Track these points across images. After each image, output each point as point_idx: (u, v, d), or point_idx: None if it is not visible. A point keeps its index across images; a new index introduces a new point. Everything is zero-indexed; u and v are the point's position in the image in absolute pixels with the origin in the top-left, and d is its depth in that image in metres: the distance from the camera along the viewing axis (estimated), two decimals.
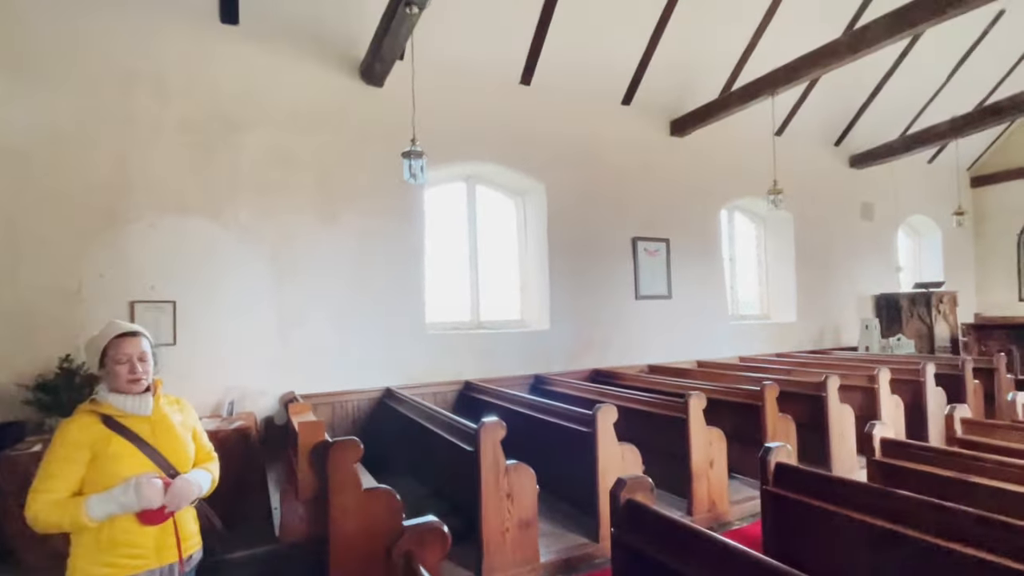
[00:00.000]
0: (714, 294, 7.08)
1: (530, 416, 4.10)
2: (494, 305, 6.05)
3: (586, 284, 6.12)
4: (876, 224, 8.91)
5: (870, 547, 1.91)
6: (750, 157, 7.49)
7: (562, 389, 5.21)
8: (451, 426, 3.41)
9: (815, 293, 8.03)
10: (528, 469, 3.07)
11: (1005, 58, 8.57)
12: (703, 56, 6.50)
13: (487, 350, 5.52)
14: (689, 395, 3.75)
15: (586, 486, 3.42)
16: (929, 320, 7.68)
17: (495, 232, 6.19)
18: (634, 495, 1.90)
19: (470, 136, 5.53)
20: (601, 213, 6.30)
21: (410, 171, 3.98)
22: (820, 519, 2.05)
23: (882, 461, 2.59)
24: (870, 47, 5.00)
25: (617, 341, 6.24)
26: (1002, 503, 2.09)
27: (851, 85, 7.75)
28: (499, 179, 6.09)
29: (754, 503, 3.98)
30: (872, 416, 4.82)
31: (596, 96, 6.32)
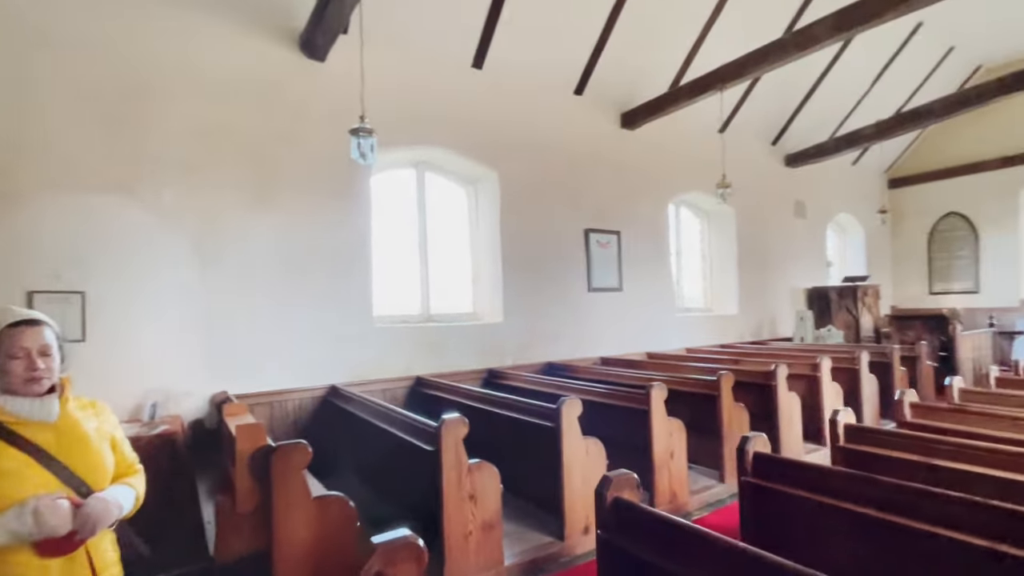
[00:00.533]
0: (662, 287, 7.17)
1: (487, 412, 3.92)
2: (445, 298, 5.81)
3: (540, 276, 6.00)
4: (808, 221, 9.37)
5: (852, 534, 1.87)
6: (696, 153, 7.65)
7: (517, 383, 5.06)
8: (408, 424, 3.17)
9: (754, 286, 8.33)
10: (492, 468, 2.89)
11: (921, 68, 9.22)
12: (653, 49, 6.52)
13: (438, 344, 5.29)
14: (651, 386, 3.70)
15: (549, 483, 3.29)
16: (855, 312, 8.17)
17: (446, 222, 5.95)
18: (621, 493, 1.77)
19: (420, 119, 5.25)
20: (554, 204, 6.20)
21: (359, 150, 3.68)
22: (800, 508, 2.01)
23: (846, 447, 2.62)
24: (815, 45, 5.17)
25: (570, 334, 6.17)
26: (965, 484, 2.13)
27: (788, 87, 8.07)
28: (450, 166, 5.85)
29: (712, 492, 4.02)
30: (814, 403, 5.01)
31: (549, 84, 6.21)
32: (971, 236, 10.12)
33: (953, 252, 10.32)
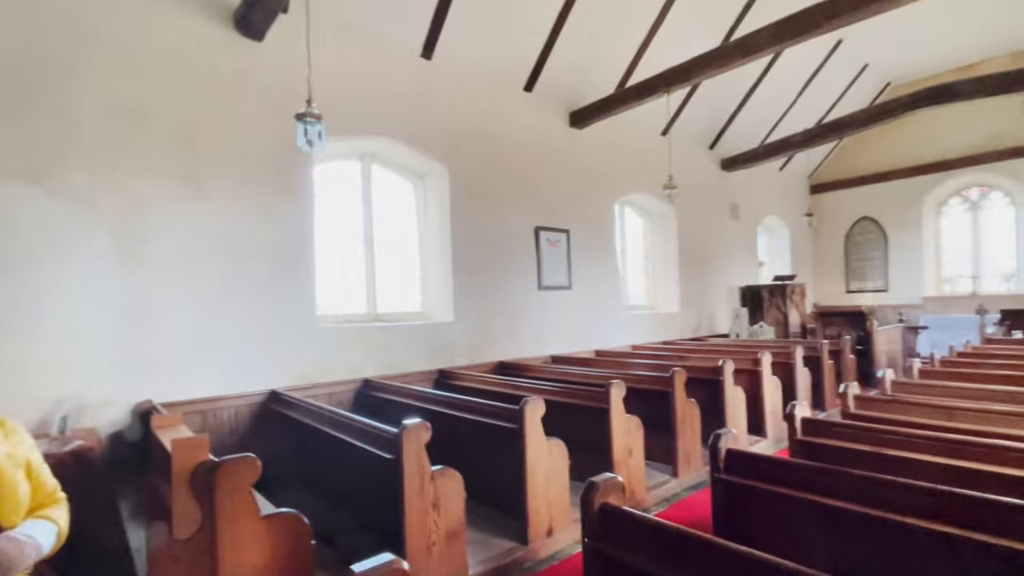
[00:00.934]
0: (610, 285, 7.27)
1: (443, 414, 3.77)
2: (393, 296, 5.58)
3: (490, 274, 5.89)
4: (742, 223, 9.85)
5: (826, 527, 1.91)
6: (640, 154, 7.83)
7: (469, 383, 4.93)
8: (363, 430, 2.97)
9: (694, 285, 8.64)
10: (455, 474, 2.76)
11: (840, 82, 9.91)
12: (601, 50, 6.58)
13: (386, 345, 5.06)
14: (610, 384, 3.69)
15: (511, 486, 3.20)
16: (785, 309, 8.65)
17: (393, 217, 5.71)
18: (608, 498, 1.70)
19: (366, 108, 5.00)
20: (505, 201, 6.12)
21: (305, 136, 3.42)
22: (774, 503, 2.03)
23: (804, 440, 2.70)
24: (756, 53, 5.38)
25: (521, 332, 6.11)
26: (916, 472, 2.23)
27: (724, 94, 8.42)
28: (398, 158, 5.62)
29: (667, 487, 4.07)
30: (756, 396, 5.22)
31: (499, 80, 6.11)
32: (881, 239, 11.02)
33: (866, 254, 11.20)
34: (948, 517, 1.70)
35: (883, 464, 2.35)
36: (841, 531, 1.89)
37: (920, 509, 1.76)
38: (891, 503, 1.82)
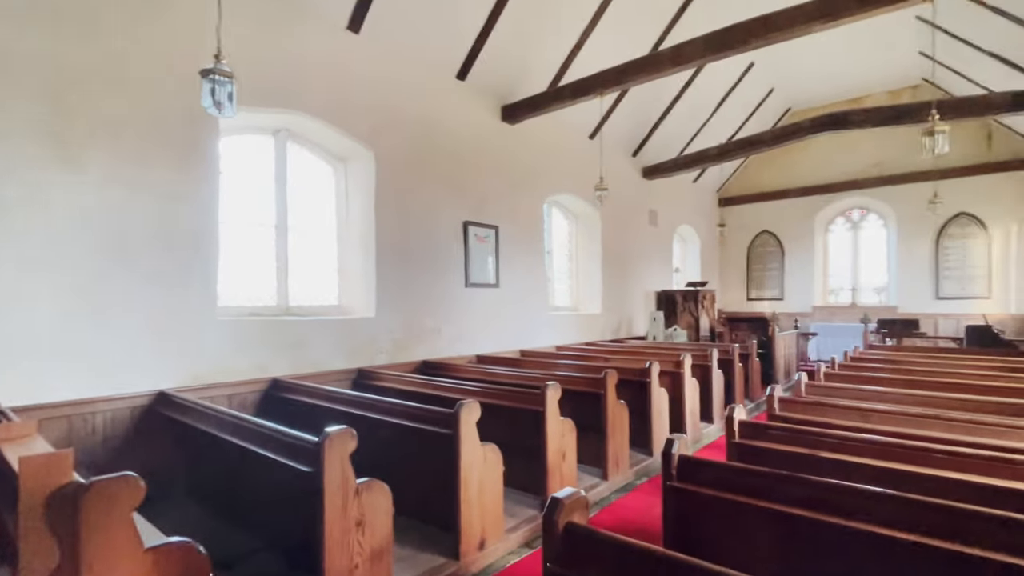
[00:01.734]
0: (537, 285, 7.19)
1: (365, 418, 3.44)
2: (307, 288, 5.09)
3: (416, 268, 5.57)
4: (660, 229, 10.23)
5: (779, 533, 1.86)
6: (569, 155, 7.85)
7: (392, 384, 4.59)
8: (274, 439, 2.58)
9: (615, 288, 8.82)
10: (383, 487, 2.47)
11: (750, 103, 10.60)
12: (536, 45, 6.49)
13: (299, 341, 4.59)
14: (546, 386, 3.55)
15: (441, 496, 2.95)
16: (697, 313, 9.08)
17: (310, 201, 5.22)
18: (572, 517, 1.52)
19: (283, 78, 4.50)
20: (434, 192, 5.82)
21: (213, 98, 2.96)
22: (729, 511, 1.97)
23: (741, 443, 2.71)
24: (687, 63, 5.51)
25: (447, 330, 5.84)
26: (852, 475, 2.28)
27: (648, 104, 8.68)
28: (318, 138, 5.14)
29: (597, 491, 4.01)
30: (677, 397, 5.34)
31: (431, 63, 5.81)
32: (779, 251, 11.95)
33: (766, 264, 12.10)
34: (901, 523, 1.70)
35: (819, 467, 2.39)
36: (798, 538, 1.85)
37: (873, 514, 1.76)
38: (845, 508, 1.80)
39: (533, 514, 3.44)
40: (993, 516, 1.53)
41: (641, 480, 4.39)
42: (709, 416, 5.92)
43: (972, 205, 9.76)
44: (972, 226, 9.81)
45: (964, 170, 9.59)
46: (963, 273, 9.89)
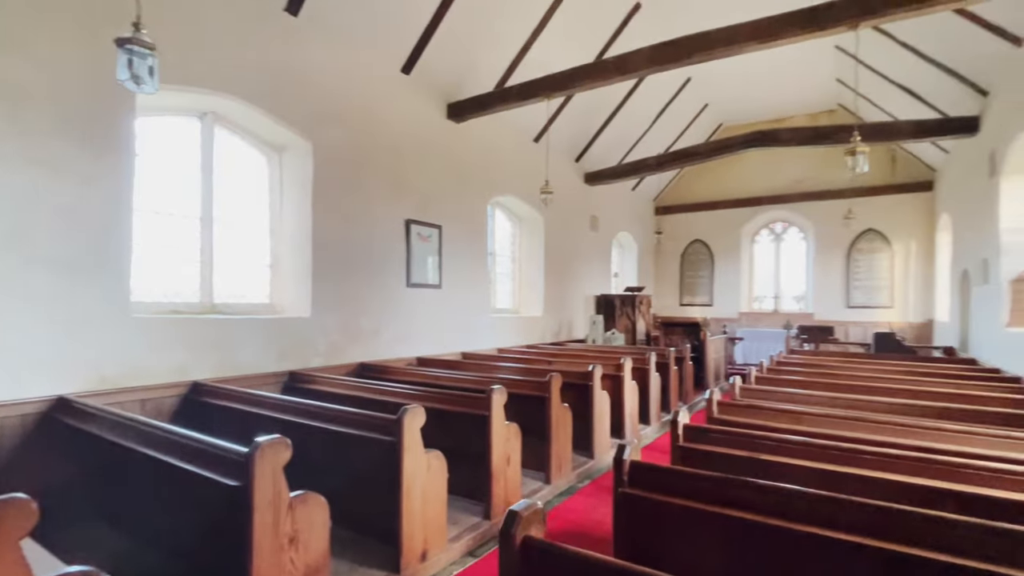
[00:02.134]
0: (479, 287, 7.10)
1: (298, 425, 3.21)
2: (234, 284, 4.74)
3: (356, 266, 5.33)
4: (600, 235, 10.42)
5: (730, 537, 1.88)
6: (514, 157, 7.83)
7: (327, 388, 4.35)
8: (194, 449, 2.33)
9: (556, 291, 8.88)
10: (319, 499, 2.29)
11: (686, 116, 11.04)
12: (483, 44, 6.41)
13: (224, 341, 4.24)
14: (492, 390, 3.46)
15: (381, 506, 2.79)
16: (634, 318, 9.31)
17: (239, 192, 4.86)
18: (530, 531, 1.45)
19: (212, 56, 4.17)
20: (376, 187, 5.60)
21: (130, 71, 2.67)
22: (681, 516, 1.96)
23: (686, 446, 2.74)
24: (632, 72, 5.62)
25: (386, 332, 5.63)
26: (793, 477, 2.36)
27: (591, 111, 8.82)
28: (250, 125, 4.81)
29: (540, 495, 3.97)
30: (617, 400, 5.42)
31: (375, 54, 5.60)
32: (709, 260, 12.52)
33: (697, 271, 12.65)
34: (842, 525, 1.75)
35: (761, 469, 2.46)
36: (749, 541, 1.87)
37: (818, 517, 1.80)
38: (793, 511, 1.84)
39: (476, 521, 3.34)
40: (928, 516, 1.60)
41: (583, 483, 4.40)
42: (647, 418, 6.05)
43: (878, 222, 10.64)
44: (878, 241, 10.71)
45: (871, 190, 10.44)
46: (870, 284, 10.78)
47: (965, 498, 2.05)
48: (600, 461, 4.82)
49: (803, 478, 2.32)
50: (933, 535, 1.59)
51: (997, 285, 6.03)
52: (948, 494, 2.11)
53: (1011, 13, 4.91)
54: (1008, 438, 2.75)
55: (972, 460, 2.38)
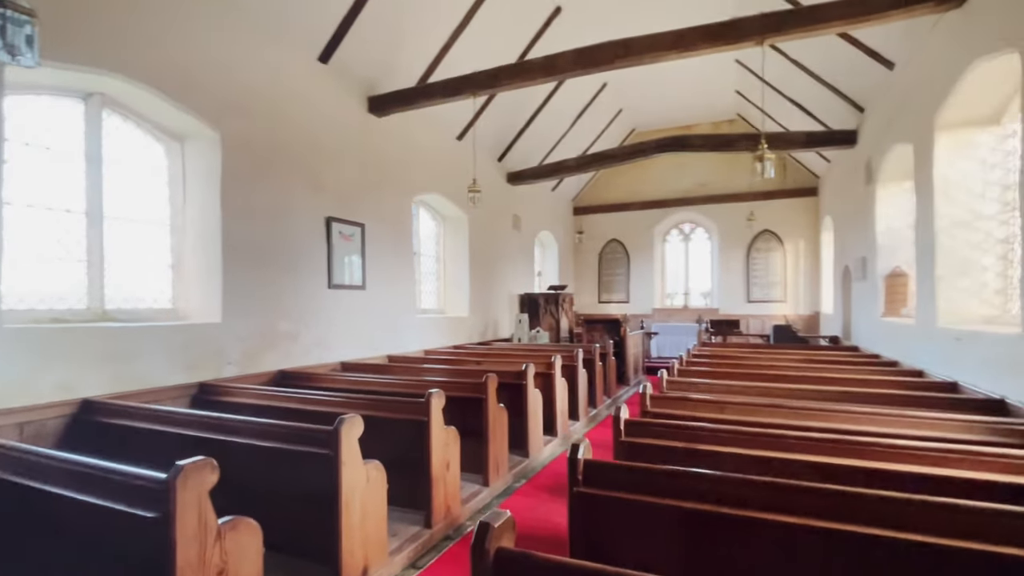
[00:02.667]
0: (405, 287, 6.90)
1: (217, 442, 2.92)
2: (130, 288, 4.23)
3: (272, 266, 4.96)
4: (522, 234, 10.52)
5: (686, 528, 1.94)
6: (438, 155, 7.70)
7: (244, 399, 4.01)
8: (97, 479, 2.03)
9: (481, 290, 8.84)
10: (251, 524, 2.08)
11: (602, 120, 11.43)
12: (405, 38, 6.23)
13: (119, 352, 3.77)
14: (430, 394, 3.35)
15: (319, 525, 2.60)
16: (558, 316, 9.50)
17: (133, 185, 4.35)
18: (502, 542, 1.40)
19: (101, 29, 3.69)
20: (294, 182, 5.25)
21: (4, 39, 2.28)
22: (634, 512, 2.00)
23: (628, 441, 2.81)
24: (558, 74, 5.71)
25: (307, 336, 5.29)
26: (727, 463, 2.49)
27: (514, 111, 8.88)
28: (146, 110, 4.32)
29: (479, 499, 3.91)
30: (548, 398, 5.48)
31: (291, 40, 5.25)
32: (625, 258, 13.08)
33: (614, 270, 13.16)
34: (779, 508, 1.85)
35: (699, 458, 2.57)
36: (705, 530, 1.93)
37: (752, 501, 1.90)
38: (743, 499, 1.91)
39: (417, 531, 3.22)
40: (871, 496, 1.74)
41: (520, 483, 4.40)
42: (576, 414, 6.18)
43: (773, 224, 11.66)
44: (773, 241, 11.73)
45: (767, 194, 11.41)
46: (766, 280, 11.78)
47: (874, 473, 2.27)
48: (535, 460, 4.85)
49: (737, 464, 2.45)
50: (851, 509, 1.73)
51: (874, 280, 6.81)
52: (859, 471, 2.33)
53: (887, 40, 5.55)
54: (901, 416, 3.09)
55: (876, 439, 2.64)
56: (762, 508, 1.87)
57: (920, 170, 5.14)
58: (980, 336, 4.05)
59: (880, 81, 6.25)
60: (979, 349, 4.04)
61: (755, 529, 1.84)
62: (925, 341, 5.03)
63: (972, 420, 3.07)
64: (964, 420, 3.06)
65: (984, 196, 4.51)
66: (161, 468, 1.93)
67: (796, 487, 1.85)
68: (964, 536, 1.59)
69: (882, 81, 6.21)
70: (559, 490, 4.23)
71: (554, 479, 4.53)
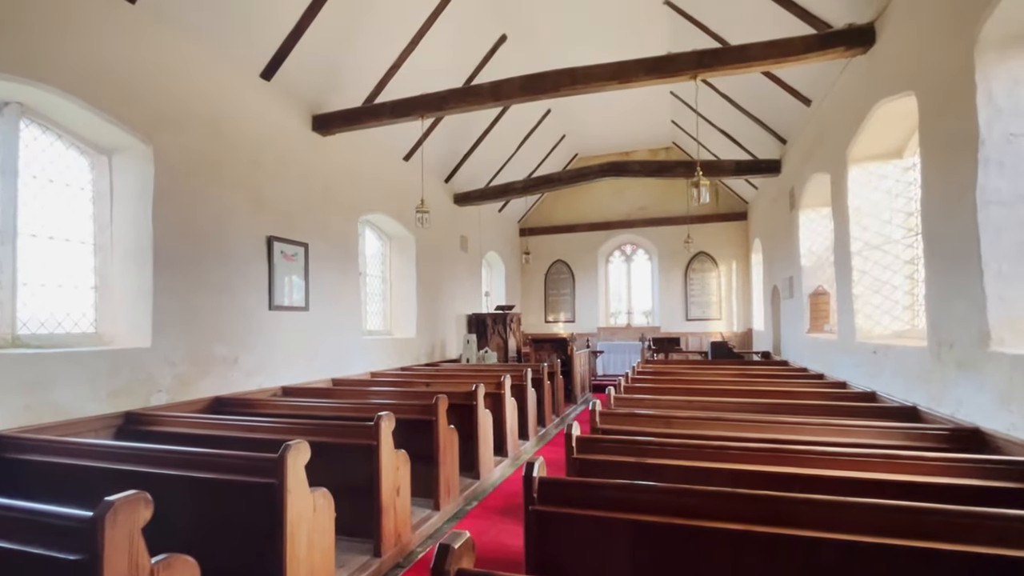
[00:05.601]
0: (350, 308, 6.74)
1: (149, 475, 2.72)
2: (46, 311, 3.91)
3: (208, 287, 4.73)
4: (470, 255, 10.55)
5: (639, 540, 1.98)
6: (384, 174, 7.65)
7: (177, 428, 3.76)
8: (14, 521, 1.85)
9: (429, 311, 8.76)
10: (188, 562, 1.94)
11: (546, 145, 11.74)
12: (352, 58, 6.20)
13: (33, 381, 3.45)
14: (380, 417, 3.28)
15: (261, 559, 2.46)
16: (505, 335, 9.54)
17: (51, 200, 4.06)
18: (462, 563, 1.39)
19: (18, 35, 3.47)
20: (232, 200, 5.06)
21: None
22: (589, 527, 2.03)
23: (580, 457, 2.85)
24: (506, 99, 5.85)
25: (246, 360, 5.05)
26: (674, 475, 2.58)
27: (460, 134, 8.98)
28: (68, 120, 4.07)
29: (430, 523, 3.84)
30: (499, 418, 5.47)
31: (231, 55, 5.11)
32: (570, 279, 13.35)
33: (560, 290, 13.40)
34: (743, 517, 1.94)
35: (648, 472, 2.65)
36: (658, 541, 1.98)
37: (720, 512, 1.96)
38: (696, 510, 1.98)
39: (366, 560, 3.11)
40: (806, 500, 1.85)
41: (471, 505, 4.34)
42: (525, 434, 6.19)
43: (708, 246, 12.28)
44: (708, 263, 12.35)
45: (702, 218, 12.04)
46: (703, 300, 12.35)
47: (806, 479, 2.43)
48: (486, 481, 4.81)
49: (684, 476, 2.55)
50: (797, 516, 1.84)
51: (800, 299, 7.30)
52: (796, 478, 2.48)
53: (805, 80, 6.07)
54: (828, 425, 3.31)
55: (808, 447, 2.82)
56: (709, 517, 1.95)
57: (836, 198, 5.61)
58: (892, 349, 4.42)
59: (799, 116, 6.81)
60: (892, 361, 4.40)
61: (703, 537, 1.91)
62: (846, 354, 5.43)
63: (889, 426, 3.34)
64: (882, 427, 3.32)
65: (891, 222, 4.98)
66: (85, 506, 1.79)
67: (738, 495, 1.94)
68: (888, 534, 1.72)
69: (801, 116, 6.76)
70: (511, 511, 4.21)
71: (505, 500, 4.50)
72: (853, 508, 1.79)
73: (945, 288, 3.52)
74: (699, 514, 1.97)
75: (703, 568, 1.89)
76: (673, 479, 2.57)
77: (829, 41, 4.69)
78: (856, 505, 1.79)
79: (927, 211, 3.79)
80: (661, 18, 7.44)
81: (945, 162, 3.49)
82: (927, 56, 3.68)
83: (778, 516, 1.87)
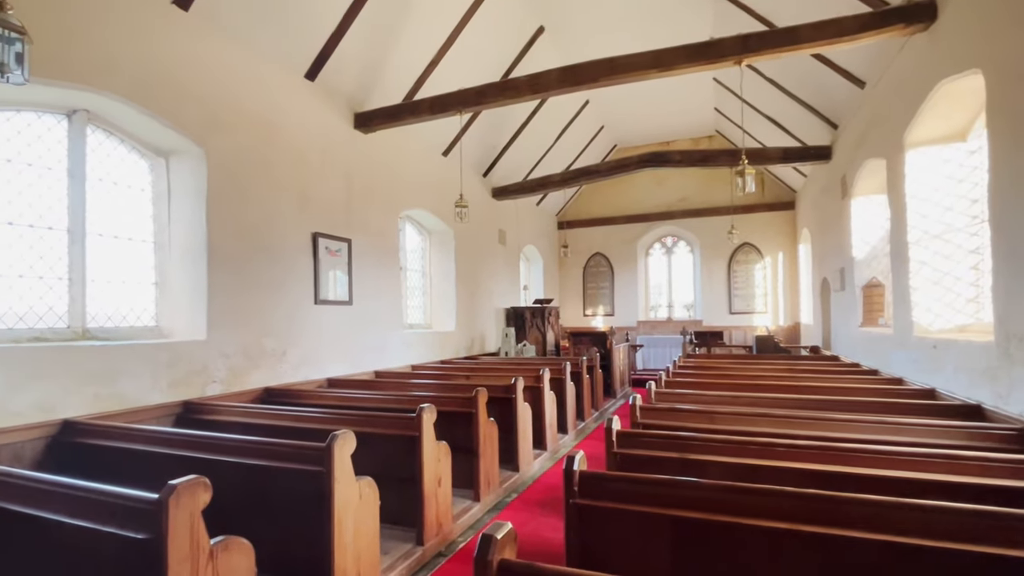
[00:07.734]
0: (391, 302, 6.88)
1: (204, 461, 2.87)
2: (112, 306, 4.16)
3: (258, 283, 4.92)
4: (508, 248, 10.58)
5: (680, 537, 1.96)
6: (423, 170, 7.74)
7: (230, 417, 3.95)
8: (87, 502, 1.98)
9: (468, 305, 8.85)
10: (243, 544, 2.05)
11: (585, 136, 11.61)
12: (392, 56, 6.29)
13: (101, 372, 3.69)
14: (421, 409, 3.34)
15: (310, 544, 2.56)
16: (544, 329, 9.53)
17: (115, 201, 4.30)
18: (504, 554, 1.40)
19: (85, 45, 3.67)
20: (280, 199, 5.23)
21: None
22: (631, 522, 2.01)
23: (621, 452, 2.83)
24: (544, 92, 5.81)
25: (293, 353, 5.24)
26: (717, 472, 2.53)
27: (498, 127, 8.99)
28: (130, 126, 4.29)
29: (471, 514, 3.89)
30: (537, 412, 5.48)
31: (278, 57, 5.27)
32: (609, 272, 13.20)
33: (599, 283, 13.27)
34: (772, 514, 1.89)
35: (688, 467, 2.60)
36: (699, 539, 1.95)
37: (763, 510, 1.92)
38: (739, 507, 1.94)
39: (409, 548, 3.19)
40: (840, 499, 1.79)
41: (510, 497, 4.38)
42: (564, 427, 6.19)
43: (752, 237, 11.90)
44: (753, 254, 11.97)
45: (746, 208, 11.67)
46: (747, 292, 11.99)
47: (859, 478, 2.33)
48: (525, 474, 4.84)
49: (728, 472, 2.49)
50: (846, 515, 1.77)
51: (852, 291, 6.99)
52: (849, 477, 2.38)
53: (858, 60, 5.77)
54: (883, 423, 3.17)
55: (861, 445, 2.71)
56: (753, 515, 1.90)
57: (892, 185, 5.33)
58: (954, 344, 4.18)
59: (852, 99, 6.48)
60: (954, 357, 4.16)
61: (746, 535, 1.87)
62: (902, 350, 5.17)
63: (951, 425, 3.16)
64: (943, 426, 3.15)
65: (953, 209, 4.69)
66: (148, 489, 1.90)
67: (784, 493, 1.88)
68: (946, 537, 1.64)
69: (854, 99, 6.44)
70: (550, 504, 4.23)
71: (545, 493, 4.52)
72: (906, 509, 1.71)
73: (1015, 279, 3.30)
74: (743, 511, 1.93)
75: (745, 566, 1.85)
76: (716, 476, 2.51)
77: (886, 19, 4.44)
78: (909, 506, 1.71)
79: (995, 197, 3.55)
80: (703, 2, 7.23)
81: (1016, 144, 3.25)
82: (995, 30, 3.43)
83: (822, 515, 1.81)
